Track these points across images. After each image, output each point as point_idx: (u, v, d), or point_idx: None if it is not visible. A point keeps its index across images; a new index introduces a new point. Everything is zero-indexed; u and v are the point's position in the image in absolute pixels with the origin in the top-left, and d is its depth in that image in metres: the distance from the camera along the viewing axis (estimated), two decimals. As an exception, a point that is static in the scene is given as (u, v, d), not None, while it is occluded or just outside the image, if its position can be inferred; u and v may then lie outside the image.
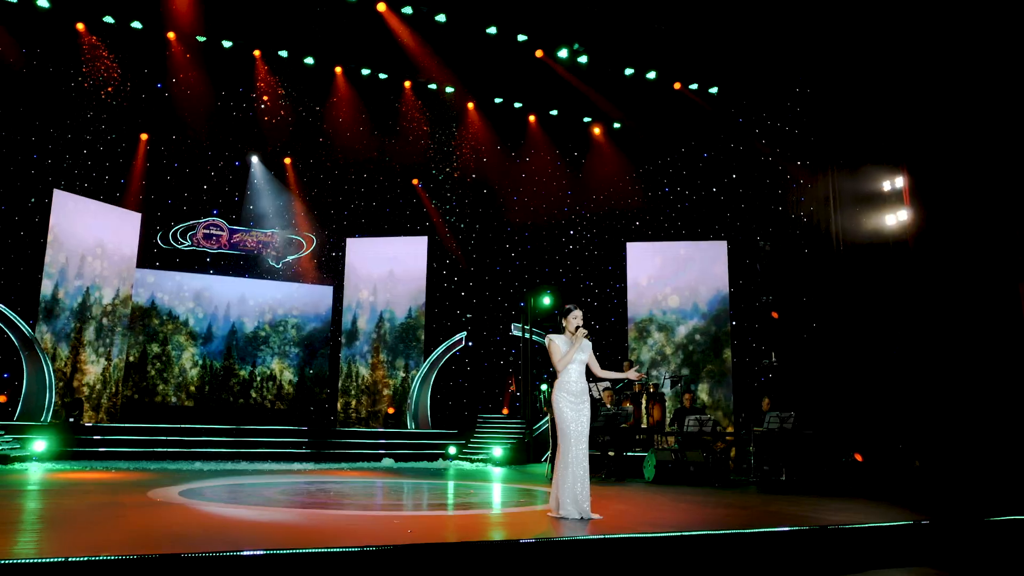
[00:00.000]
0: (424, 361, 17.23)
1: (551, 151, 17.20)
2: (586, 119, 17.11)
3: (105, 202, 15.64)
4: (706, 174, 16.52)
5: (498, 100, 16.32)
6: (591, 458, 11.51)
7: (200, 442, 14.40)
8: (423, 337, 17.61)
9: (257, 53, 14.93)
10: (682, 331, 15.74)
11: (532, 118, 17.02)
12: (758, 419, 11.87)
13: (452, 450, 15.10)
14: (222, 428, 15.14)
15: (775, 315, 13.66)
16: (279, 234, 18.37)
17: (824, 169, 13.95)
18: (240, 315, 18.14)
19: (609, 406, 11.62)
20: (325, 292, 18.81)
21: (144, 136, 16.00)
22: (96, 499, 6.89)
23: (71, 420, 14.20)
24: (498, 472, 12.75)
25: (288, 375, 18.24)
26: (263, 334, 18.18)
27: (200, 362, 17.60)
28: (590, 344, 6.52)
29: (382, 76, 15.57)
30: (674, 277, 15.86)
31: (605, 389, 12.49)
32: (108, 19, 13.58)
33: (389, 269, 18.01)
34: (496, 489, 9.46)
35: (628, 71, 14.89)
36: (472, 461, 14.81)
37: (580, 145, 17.33)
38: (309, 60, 15.14)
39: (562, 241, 17.79)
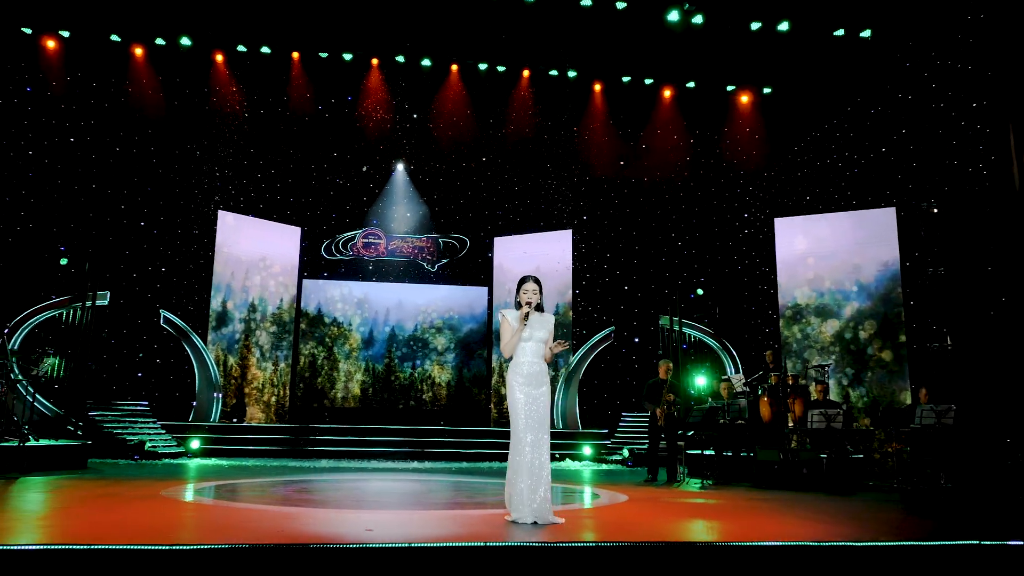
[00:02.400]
0: (572, 357, 16.65)
1: (683, 127, 15.87)
2: (729, 87, 15.58)
3: (265, 219, 16.85)
4: (870, 133, 14.30)
5: (626, 79, 15.35)
6: (698, 459, 10.33)
7: (351, 441, 14.97)
8: (571, 333, 17.03)
9: (375, 61, 15.31)
10: (844, 314, 13.70)
11: (667, 93, 15.81)
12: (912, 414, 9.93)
13: (587, 451, 14.35)
14: (371, 428, 15.68)
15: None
16: (433, 238, 18.73)
17: (1006, 110, 11.46)
18: (399, 319, 18.70)
19: (723, 399, 10.34)
20: (480, 293, 18.85)
21: (297, 155, 17.00)
22: (107, 490, 7.20)
23: (234, 421, 15.43)
24: (611, 473, 11.82)
25: (446, 376, 18.48)
26: (421, 337, 18.59)
27: (363, 365, 18.38)
28: (551, 320, 5.65)
29: (500, 69, 15.28)
30: (831, 253, 13.87)
31: (723, 380, 11.16)
32: (240, 48, 14.60)
33: (535, 265, 17.61)
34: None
35: (755, 25, 13.26)
36: (606, 462, 13.97)
37: (718, 117, 15.80)
38: (426, 62, 15.24)
39: (705, 222, 16.33)
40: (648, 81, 15.46)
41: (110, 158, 15.16)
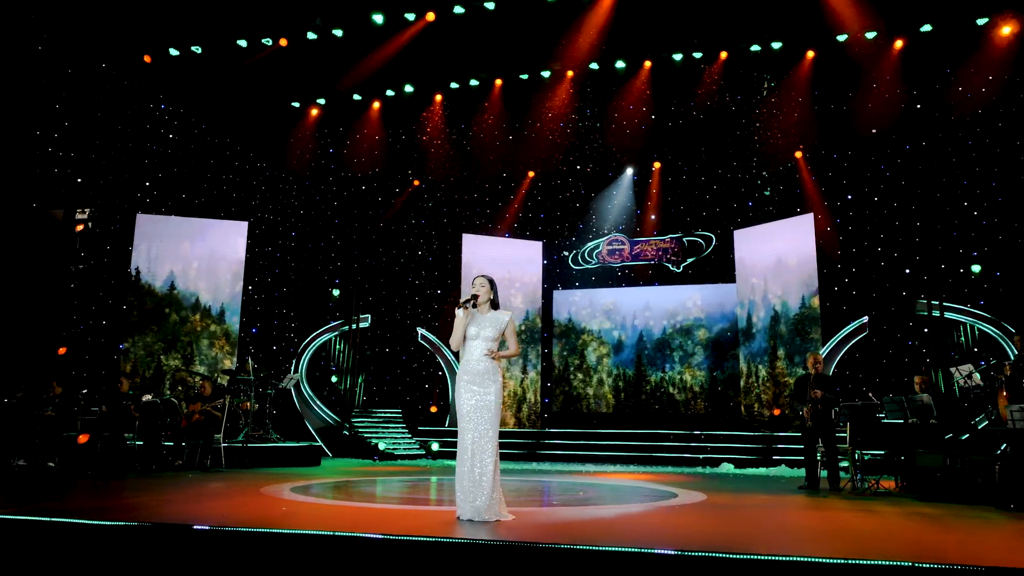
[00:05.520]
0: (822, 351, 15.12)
1: (902, 81, 13.63)
2: (980, 20, 13.06)
3: (506, 237, 18.07)
4: None
5: (842, 37, 13.69)
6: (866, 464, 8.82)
7: (594, 445, 15.58)
8: (820, 326, 15.45)
9: (569, 74, 15.64)
10: None
11: (899, 43, 13.72)
12: None
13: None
14: (618, 432, 16.07)
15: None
16: (676, 238, 18.38)
17: None
18: (646, 323, 18.59)
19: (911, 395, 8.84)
20: (728, 291, 17.92)
21: (531, 174, 17.94)
22: (227, 482, 8.51)
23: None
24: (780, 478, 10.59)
25: (698, 378, 17.90)
26: (670, 339, 18.28)
27: (614, 371, 18.59)
28: (502, 319, 5.59)
29: (696, 55, 14.64)
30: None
31: (921, 373, 9.49)
32: (453, 85, 16.01)
33: (776, 256, 16.34)
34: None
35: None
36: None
37: (954, 62, 13.29)
38: (620, 64, 15.18)
39: (958, 186, 13.75)
40: (871, 35, 13.59)
41: (353, 200, 17.65)
